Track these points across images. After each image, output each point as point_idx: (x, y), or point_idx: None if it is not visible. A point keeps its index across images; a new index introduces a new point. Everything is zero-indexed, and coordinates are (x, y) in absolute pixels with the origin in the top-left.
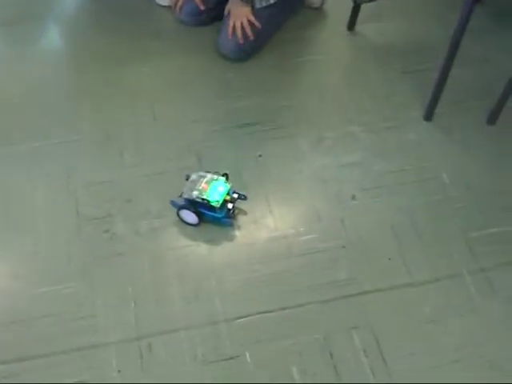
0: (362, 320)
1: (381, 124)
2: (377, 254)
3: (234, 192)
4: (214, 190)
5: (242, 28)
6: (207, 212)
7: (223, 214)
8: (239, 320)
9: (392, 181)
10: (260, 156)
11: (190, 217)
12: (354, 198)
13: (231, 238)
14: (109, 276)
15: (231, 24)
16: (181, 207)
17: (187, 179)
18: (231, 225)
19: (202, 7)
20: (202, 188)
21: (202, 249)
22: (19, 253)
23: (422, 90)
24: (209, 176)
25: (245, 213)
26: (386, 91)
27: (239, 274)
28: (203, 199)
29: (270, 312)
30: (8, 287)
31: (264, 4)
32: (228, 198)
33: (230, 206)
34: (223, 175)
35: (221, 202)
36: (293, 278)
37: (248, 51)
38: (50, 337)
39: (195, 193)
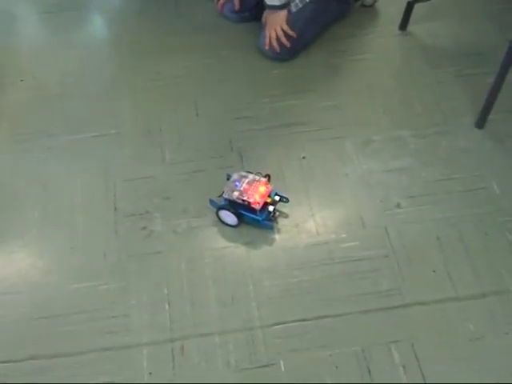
0: (403, 334)
1: (430, 129)
2: (421, 266)
3: (276, 194)
4: (256, 191)
5: (278, 37)
6: (247, 214)
7: (263, 216)
8: (275, 327)
9: (439, 189)
10: (304, 158)
11: (229, 218)
12: (399, 205)
13: (271, 242)
14: (144, 275)
15: (267, 34)
16: (220, 207)
17: (228, 179)
18: (271, 228)
19: (238, 7)
20: (243, 189)
21: (240, 251)
22: (55, 247)
23: (474, 96)
24: (251, 177)
25: (286, 216)
26: (438, 95)
27: (277, 280)
28: (244, 200)
29: (308, 320)
30: (43, 281)
31: (300, 5)
32: (269, 200)
33: (270, 208)
34: (265, 176)
35: (261, 203)
36: (332, 286)
37: (289, 56)
38: (82, 334)
39: (236, 193)
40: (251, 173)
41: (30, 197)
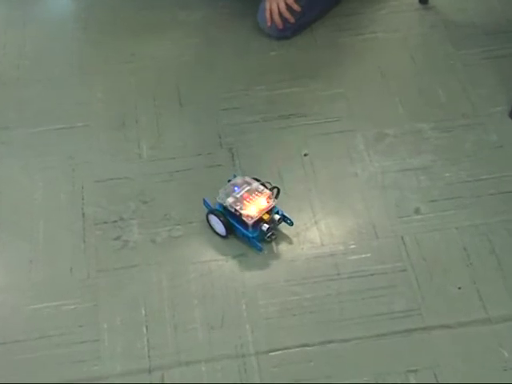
0: (423, 361)
1: (455, 121)
2: (444, 282)
3: (278, 213)
4: (253, 202)
5: (280, 12)
6: (238, 226)
7: (255, 234)
8: (272, 353)
9: (466, 192)
10: (306, 155)
11: (218, 226)
12: (418, 211)
13: (267, 254)
14: (118, 292)
15: (267, 7)
16: (211, 211)
17: (229, 181)
18: (260, 250)
19: None
20: (241, 196)
21: (231, 265)
22: (11, 260)
23: (508, 81)
24: (254, 185)
25: (281, 226)
26: (464, 81)
27: (275, 298)
28: (236, 210)
29: (310, 346)
30: None
31: None
32: (266, 217)
33: (265, 227)
34: (273, 189)
35: (255, 218)
36: (339, 305)
37: (292, 33)
38: (44, 363)
39: (230, 199)
40: (258, 180)
41: None
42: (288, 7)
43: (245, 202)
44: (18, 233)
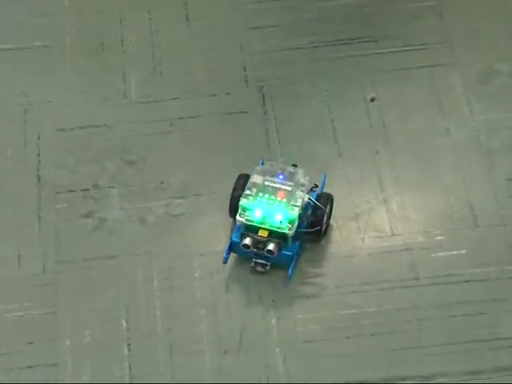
0: None
1: None
2: None
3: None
4: (269, 211)
5: None
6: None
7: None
8: None
9: None
10: (372, 100)
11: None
12: None
13: (310, 246)
14: (87, 295)
15: None
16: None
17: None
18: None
19: None
20: (253, 193)
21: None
22: None
23: None
24: (285, 187)
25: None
26: None
27: (320, 311)
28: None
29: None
30: None
31: None
32: (264, 234)
33: (248, 242)
34: (314, 189)
35: (244, 238)
36: (417, 325)
37: None
38: None
39: (244, 200)
40: (297, 177)
41: None
42: None
43: (257, 204)
44: None
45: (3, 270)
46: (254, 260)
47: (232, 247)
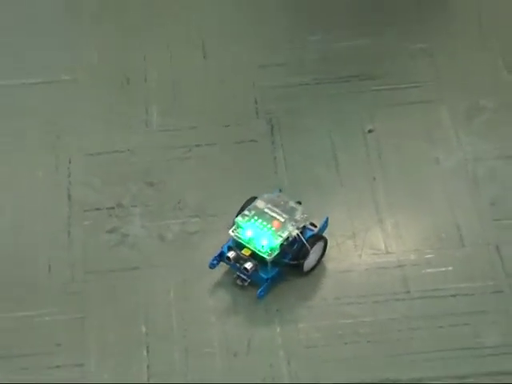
0: None
1: None
2: None
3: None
4: (257, 234)
5: None
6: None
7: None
8: None
9: None
10: (370, 131)
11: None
12: None
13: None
14: (111, 303)
15: None
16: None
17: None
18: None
19: None
20: (250, 214)
21: None
22: None
23: None
24: (280, 218)
25: (333, 223)
26: None
27: (320, 320)
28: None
29: None
30: None
31: None
32: (246, 253)
33: (231, 255)
34: (312, 227)
35: (229, 251)
36: (408, 334)
37: None
38: None
39: (239, 218)
40: (293, 211)
41: None
42: None
43: (249, 225)
44: None
45: (36, 279)
46: (237, 273)
47: (221, 257)
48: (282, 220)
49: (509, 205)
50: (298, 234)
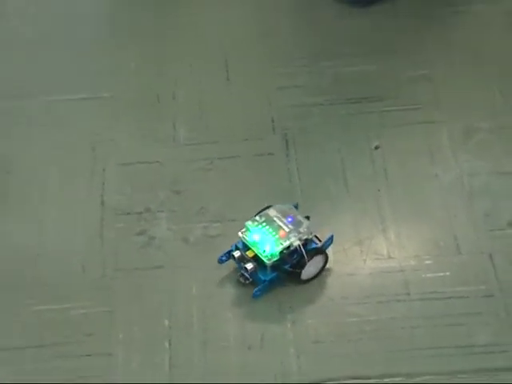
0: None
1: None
2: None
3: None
4: (263, 238)
5: None
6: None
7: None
8: None
9: None
10: (377, 148)
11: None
12: None
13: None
14: (138, 298)
15: None
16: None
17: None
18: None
19: None
20: (260, 221)
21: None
22: (16, 252)
23: None
24: (286, 228)
25: (340, 231)
26: None
27: (327, 318)
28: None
29: (368, 378)
30: None
31: None
32: (250, 254)
33: (236, 255)
34: (316, 240)
35: (235, 250)
36: (407, 332)
37: None
38: (42, 377)
39: (249, 222)
40: (301, 226)
41: None
42: None
43: (257, 230)
44: (25, 219)
45: (70, 275)
46: (241, 271)
47: (229, 254)
48: (287, 230)
49: (501, 216)
50: (298, 245)
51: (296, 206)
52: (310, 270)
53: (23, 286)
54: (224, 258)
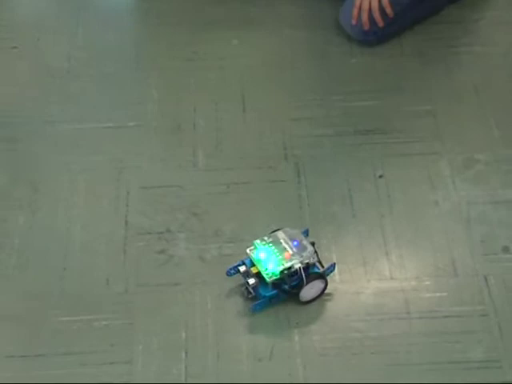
0: None
1: None
2: None
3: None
4: (267, 257)
5: (371, 10)
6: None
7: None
8: None
9: None
10: (381, 177)
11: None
12: (507, 249)
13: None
14: (157, 311)
15: (357, 4)
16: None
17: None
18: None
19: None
20: (268, 240)
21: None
22: (43, 266)
23: None
24: (291, 251)
25: (346, 252)
26: None
27: (333, 333)
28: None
29: None
30: (23, 310)
31: None
32: (254, 270)
33: (241, 269)
34: (318, 265)
35: (242, 265)
36: (407, 347)
37: (377, 39)
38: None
39: (258, 241)
40: (305, 250)
41: (15, 198)
42: (380, 8)
43: (264, 249)
44: (54, 237)
45: (95, 289)
46: (246, 285)
47: (237, 268)
48: (291, 252)
49: (496, 242)
50: (299, 268)
51: (306, 232)
52: (308, 292)
53: (51, 297)
54: (232, 272)
